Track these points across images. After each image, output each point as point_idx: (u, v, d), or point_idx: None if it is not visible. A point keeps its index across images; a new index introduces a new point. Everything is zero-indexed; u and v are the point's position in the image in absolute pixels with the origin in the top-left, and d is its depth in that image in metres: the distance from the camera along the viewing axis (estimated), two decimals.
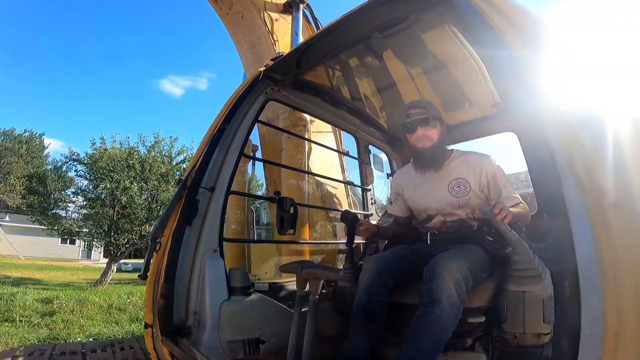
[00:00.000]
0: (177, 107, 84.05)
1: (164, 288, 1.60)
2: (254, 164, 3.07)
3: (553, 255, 0.82)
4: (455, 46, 1.93)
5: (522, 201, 1.65)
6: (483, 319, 1.41)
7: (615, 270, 0.69)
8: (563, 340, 0.73)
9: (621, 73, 0.95)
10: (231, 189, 1.86)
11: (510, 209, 1.41)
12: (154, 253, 1.64)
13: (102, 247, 12.46)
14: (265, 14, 3.60)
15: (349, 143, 3.18)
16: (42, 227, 15.79)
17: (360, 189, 3.05)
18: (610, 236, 0.71)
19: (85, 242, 30.71)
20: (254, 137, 3.10)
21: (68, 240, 30.54)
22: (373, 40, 1.85)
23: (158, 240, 1.64)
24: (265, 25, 3.55)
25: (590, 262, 0.72)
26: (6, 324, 5.04)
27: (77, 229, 14.29)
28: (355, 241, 2.21)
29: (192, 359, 1.43)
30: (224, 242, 1.79)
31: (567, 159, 0.80)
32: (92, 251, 31.82)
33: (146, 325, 1.67)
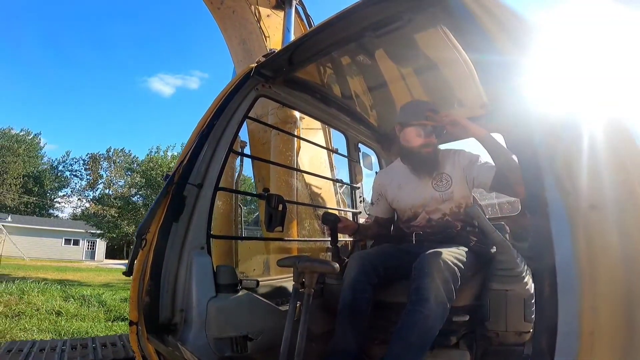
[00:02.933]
0: (166, 106, 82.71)
1: (149, 285, 1.58)
2: (242, 160, 3.04)
3: (534, 255, 0.84)
4: (447, 47, 1.94)
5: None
6: (467, 317, 1.44)
7: (591, 271, 0.71)
8: (541, 339, 0.76)
9: (605, 76, 0.98)
10: (219, 186, 1.84)
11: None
12: (140, 250, 1.61)
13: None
14: (257, 10, 3.56)
15: (339, 141, 3.19)
16: (99, 231, 15.57)
17: (349, 186, 3.06)
18: (588, 237, 0.73)
19: (89, 243, 31.75)
20: (243, 134, 3.08)
21: (72, 241, 31.44)
22: (366, 39, 1.85)
23: (143, 236, 1.62)
24: (257, 21, 3.52)
25: (568, 262, 0.74)
26: (121, 322, 5.22)
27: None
28: (341, 239, 2.22)
29: (178, 356, 1.42)
30: (211, 239, 1.78)
31: (549, 160, 0.82)
32: (96, 252, 32.50)
33: (131, 323, 1.64)
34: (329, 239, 2.03)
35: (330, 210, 2.70)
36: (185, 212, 1.69)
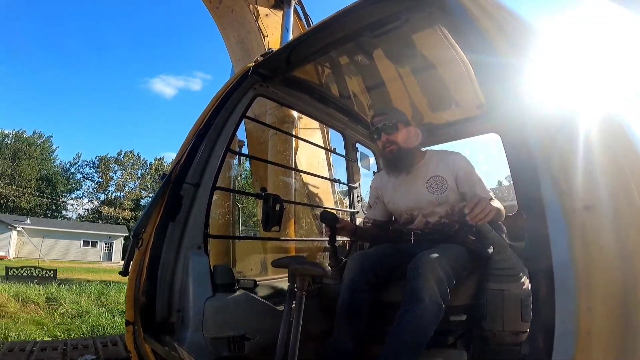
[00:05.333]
0: (168, 107, 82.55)
1: (146, 285, 1.58)
2: (239, 160, 3.03)
3: (531, 255, 0.84)
4: (444, 47, 1.95)
5: (494, 198, 1.65)
6: (464, 317, 1.44)
7: (587, 271, 0.72)
8: (538, 338, 0.76)
9: (601, 76, 0.98)
10: (217, 185, 1.83)
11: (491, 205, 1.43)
12: (136, 249, 1.61)
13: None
14: (256, 9, 3.56)
15: (337, 140, 3.19)
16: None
17: (346, 186, 3.06)
18: (584, 238, 0.74)
19: (106, 244, 33.15)
20: (240, 133, 3.07)
21: (90, 243, 32.71)
22: (364, 39, 1.85)
23: (140, 236, 1.61)
24: (255, 20, 3.52)
25: (565, 263, 0.74)
26: None
27: None
28: (339, 239, 2.23)
29: (175, 356, 1.41)
30: (208, 239, 1.77)
31: (545, 161, 0.82)
32: (113, 253, 33.66)
33: (127, 323, 1.64)
34: (327, 238, 2.03)
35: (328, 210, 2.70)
36: (182, 212, 1.68)
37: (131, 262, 1.61)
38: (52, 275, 11.06)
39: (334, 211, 2.83)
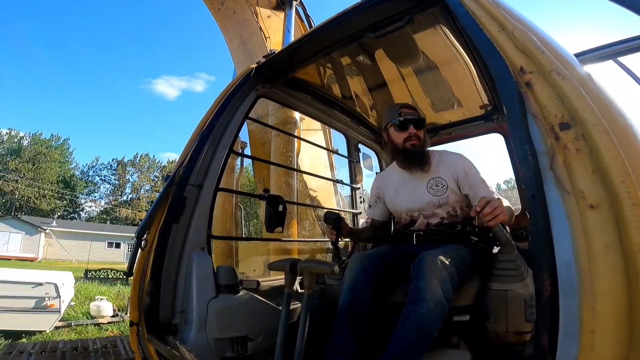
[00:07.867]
0: (170, 108, 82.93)
1: (150, 286, 1.58)
2: (242, 161, 3.04)
3: (535, 255, 0.84)
4: (447, 48, 1.95)
5: (501, 198, 1.66)
6: (468, 317, 1.43)
7: (591, 270, 0.72)
8: (542, 338, 0.76)
9: (605, 74, 0.98)
10: (220, 186, 1.84)
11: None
12: (140, 250, 1.62)
13: None
14: (258, 11, 3.57)
15: (339, 141, 3.19)
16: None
17: (349, 187, 3.06)
18: (588, 237, 0.73)
19: (129, 245, 32.80)
20: (243, 134, 3.08)
21: (114, 244, 33.36)
22: (365, 40, 1.85)
23: (144, 237, 1.62)
24: (257, 21, 3.53)
25: (569, 262, 0.74)
26: None
27: None
28: (341, 239, 2.22)
29: (178, 356, 1.42)
30: (211, 240, 1.78)
31: (548, 160, 0.82)
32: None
33: (131, 324, 1.64)
34: (329, 239, 2.02)
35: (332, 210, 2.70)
36: (185, 213, 1.69)
37: (135, 263, 1.62)
38: (125, 276, 11.77)
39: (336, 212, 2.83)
